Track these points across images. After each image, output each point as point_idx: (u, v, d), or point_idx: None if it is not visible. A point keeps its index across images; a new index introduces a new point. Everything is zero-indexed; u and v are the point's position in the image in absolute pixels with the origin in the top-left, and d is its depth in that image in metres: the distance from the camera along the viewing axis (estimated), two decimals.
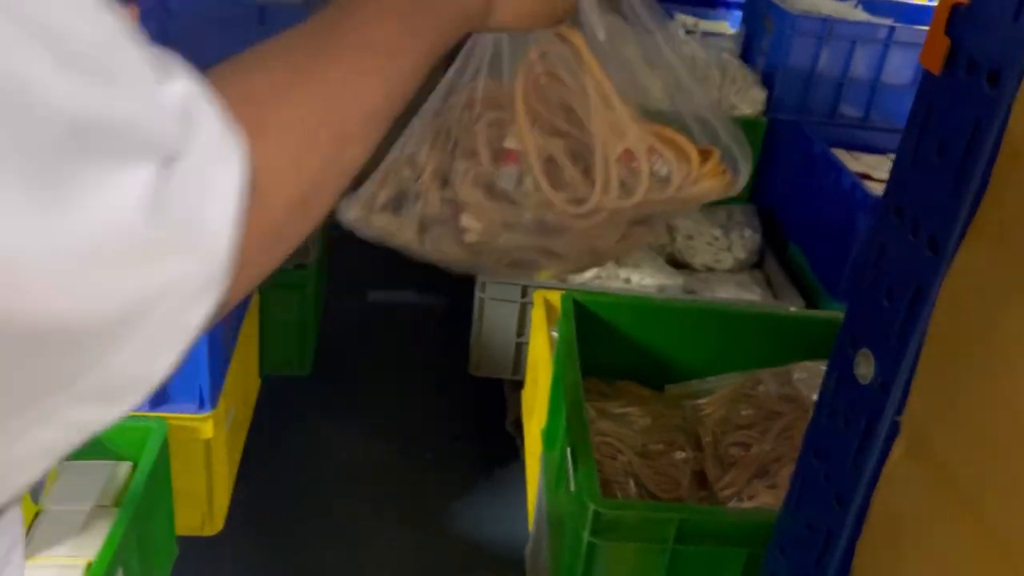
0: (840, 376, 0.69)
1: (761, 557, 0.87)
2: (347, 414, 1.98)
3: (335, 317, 2.20)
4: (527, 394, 1.67)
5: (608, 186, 0.56)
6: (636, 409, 1.14)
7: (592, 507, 0.85)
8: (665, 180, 0.57)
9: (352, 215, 0.66)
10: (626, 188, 0.56)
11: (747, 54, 2.23)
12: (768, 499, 0.95)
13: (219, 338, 1.28)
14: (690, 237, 1.96)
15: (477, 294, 1.73)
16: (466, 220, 0.60)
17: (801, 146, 1.98)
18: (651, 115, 0.59)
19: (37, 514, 1.12)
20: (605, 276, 1.71)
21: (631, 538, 0.87)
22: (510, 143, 0.57)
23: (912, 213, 0.61)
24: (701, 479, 1.04)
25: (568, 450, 1.02)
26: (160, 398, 1.25)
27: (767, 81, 2.09)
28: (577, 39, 0.57)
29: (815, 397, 1.07)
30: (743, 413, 1.05)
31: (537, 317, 1.57)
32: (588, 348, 1.17)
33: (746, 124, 2.05)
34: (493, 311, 1.72)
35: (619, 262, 1.77)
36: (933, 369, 0.59)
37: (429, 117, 0.64)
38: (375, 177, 0.66)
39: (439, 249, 0.62)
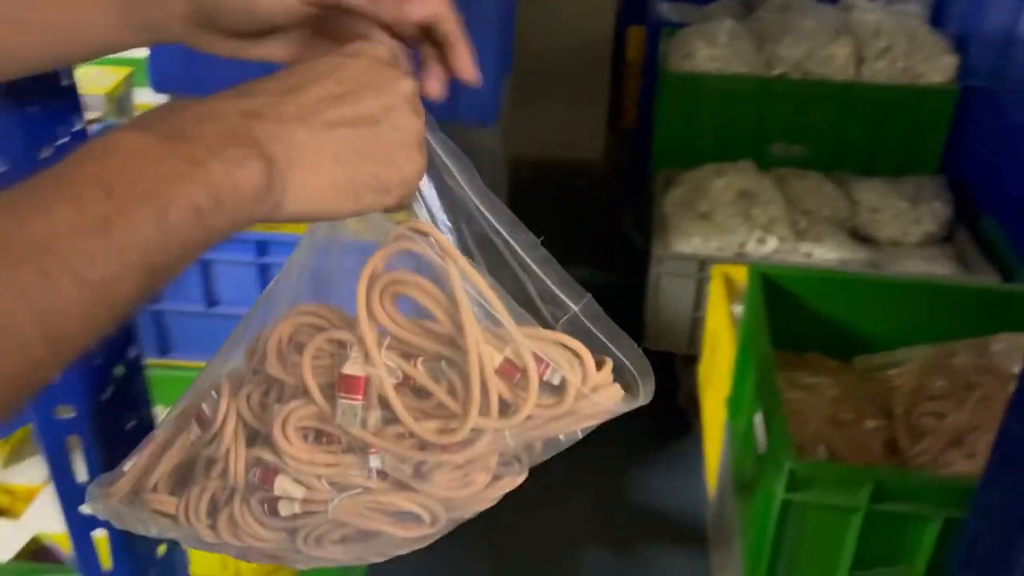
0: None
1: (957, 522, 0.88)
2: None
3: None
4: (703, 367, 1.70)
5: (488, 404, 0.44)
6: (824, 379, 1.16)
7: (788, 465, 0.88)
8: (558, 389, 0.45)
9: (106, 502, 0.50)
10: (510, 404, 0.45)
11: (937, 19, 2.14)
12: (965, 467, 0.95)
13: None
14: (875, 210, 1.92)
15: (652, 269, 1.78)
16: (283, 483, 0.46)
17: (997, 115, 1.89)
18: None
19: None
20: (785, 251, 1.71)
21: (825, 498, 0.90)
22: (351, 369, 0.44)
23: None
24: (892, 448, 1.05)
25: (758, 415, 1.05)
26: None
27: (958, 47, 2.00)
28: (437, 232, 0.45)
29: (1016, 369, 1.05)
30: (936, 384, 1.05)
31: (715, 291, 1.60)
32: (774, 320, 1.19)
33: (935, 93, 1.98)
34: (669, 286, 1.76)
35: (800, 236, 1.77)
36: None
37: (224, 357, 0.49)
38: (144, 444, 0.50)
39: (239, 533, 0.47)
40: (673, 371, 2.03)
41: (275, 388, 0.47)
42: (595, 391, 0.47)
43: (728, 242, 1.76)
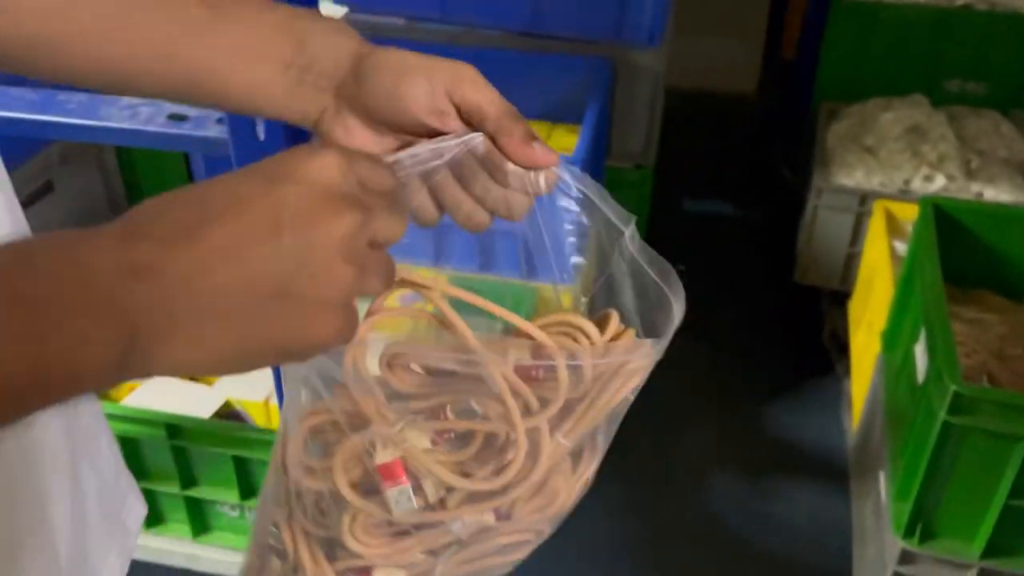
0: None
1: None
2: None
3: (660, 218, 2.31)
4: (855, 304, 1.67)
5: (527, 404, 0.42)
6: (992, 316, 1.13)
7: (952, 387, 0.89)
8: (576, 368, 0.43)
9: None
10: (544, 401, 0.43)
11: None
12: None
13: None
14: None
15: (811, 201, 1.75)
16: (383, 574, 0.45)
17: None
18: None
19: None
20: (954, 190, 1.65)
21: (988, 423, 0.90)
22: (382, 457, 0.43)
23: None
24: None
25: (919, 344, 1.05)
26: (531, 272, 1.44)
27: None
28: (434, 293, 0.44)
29: None
30: None
31: (876, 227, 1.57)
32: (942, 254, 1.17)
33: None
34: (827, 219, 1.73)
35: (971, 175, 1.69)
36: None
37: (269, 493, 0.47)
38: None
39: None
40: (819, 309, 2.01)
41: (326, 500, 0.45)
42: (609, 354, 0.44)
43: (892, 178, 1.71)
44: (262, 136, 0.88)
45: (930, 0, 1.93)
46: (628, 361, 0.45)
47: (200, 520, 1.26)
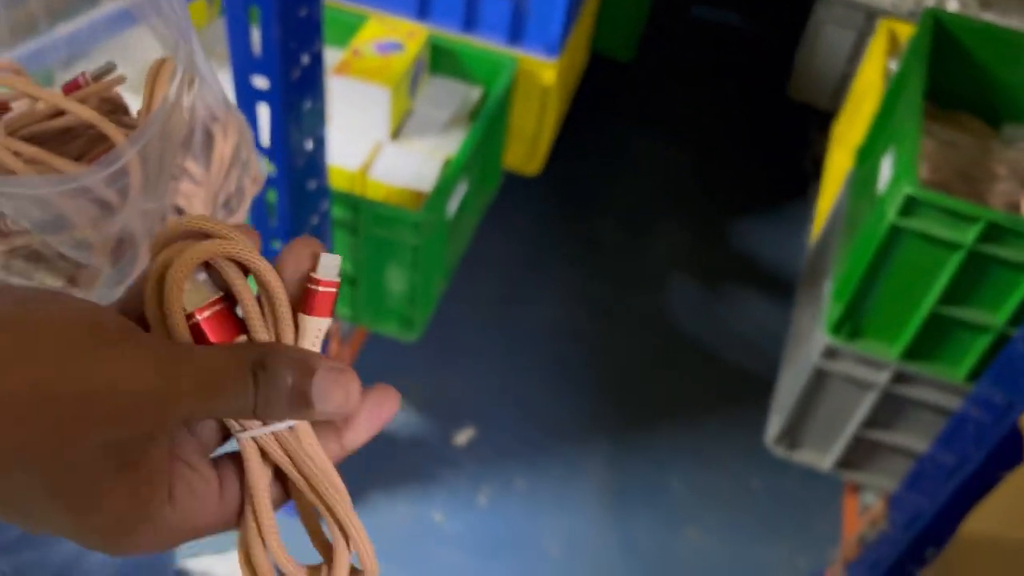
0: None
1: None
2: (655, 111, 2.08)
3: (665, 22, 2.23)
4: (840, 125, 1.66)
5: None
6: (967, 139, 1.12)
7: (906, 189, 0.89)
8: None
9: None
10: None
11: None
12: None
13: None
14: None
15: (816, 13, 1.69)
16: None
17: None
18: None
19: (408, 111, 1.34)
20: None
21: (933, 228, 0.91)
22: None
23: None
24: (1016, 211, 1.04)
25: (887, 155, 1.05)
26: (516, 37, 1.40)
27: None
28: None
29: None
30: None
31: (876, 46, 1.52)
32: (934, 71, 1.14)
33: None
34: (830, 34, 1.68)
35: (985, 4, 1.63)
36: None
37: None
38: None
39: None
40: (806, 133, 1.99)
41: None
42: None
43: None
44: None
45: None
46: None
47: None
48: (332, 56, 1.28)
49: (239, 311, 0.29)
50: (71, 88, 0.49)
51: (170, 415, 0.26)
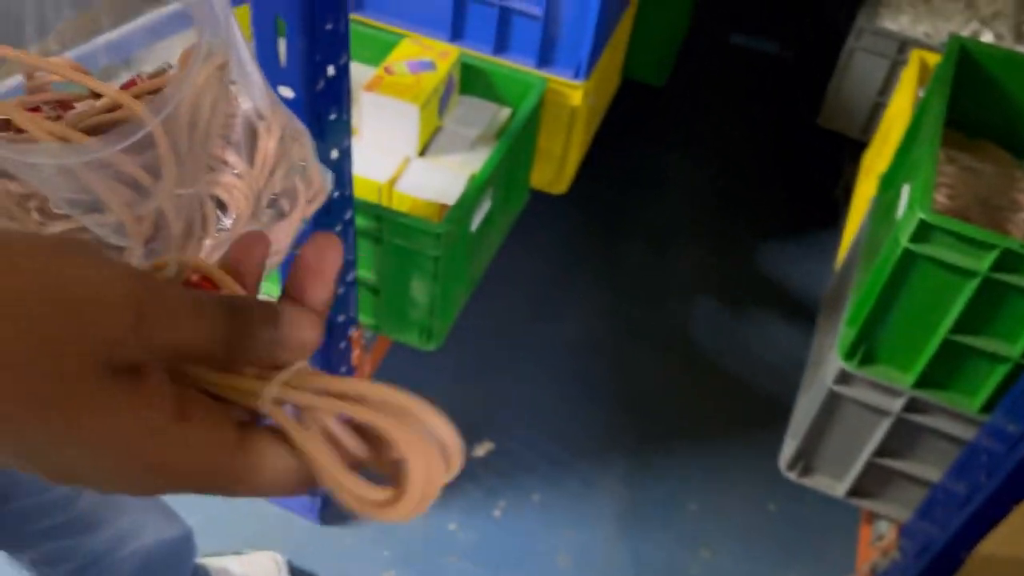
0: None
1: None
2: (686, 136, 2.09)
3: (703, 48, 2.25)
4: (870, 155, 1.66)
5: None
6: (989, 167, 1.12)
7: (919, 214, 0.90)
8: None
9: None
10: None
11: None
12: None
13: (603, 22, 1.41)
14: None
15: (849, 42, 1.69)
16: None
17: None
18: None
19: (438, 128, 1.37)
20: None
21: (947, 255, 0.91)
22: None
23: None
24: None
25: (906, 184, 1.05)
26: (545, 60, 1.43)
27: None
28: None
29: None
30: None
31: (908, 76, 1.52)
32: (959, 99, 1.15)
33: None
34: (862, 62, 1.68)
35: (1021, 37, 1.62)
36: None
37: None
38: None
39: None
40: (838, 162, 1.99)
41: None
42: None
43: (939, 29, 1.64)
44: None
45: None
46: None
47: None
48: (368, 73, 1.32)
49: None
50: (128, 87, 0.52)
51: (149, 323, 0.26)
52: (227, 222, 0.55)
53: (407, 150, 1.31)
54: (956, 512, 0.98)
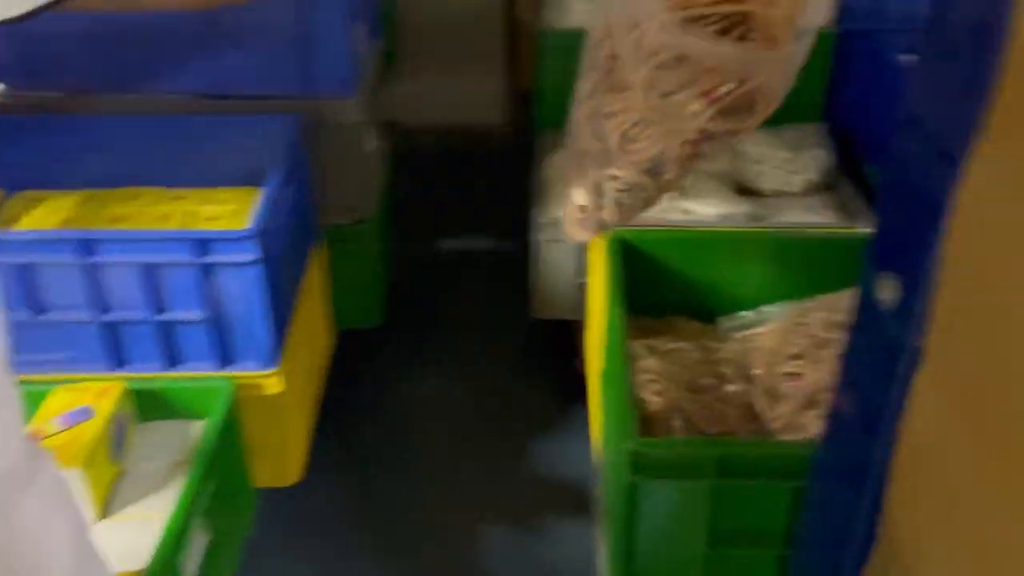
0: (865, 302, 0.66)
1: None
2: (419, 360, 2.02)
3: (410, 262, 2.24)
4: (588, 336, 1.66)
5: None
6: (686, 344, 1.12)
7: (630, 447, 0.84)
8: None
9: None
10: None
11: None
12: (819, 430, 0.92)
13: (278, 301, 1.32)
14: (759, 162, 1.88)
15: (533, 235, 1.72)
16: None
17: (875, 57, 1.86)
18: None
19: (118, 474, 1.19)
20: (663, 208, 1.67)
21: (672, 475, 0.86)
22: None
23: (925, 124, 0.56)
24: (752, 413, 1.02)
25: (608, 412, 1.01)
26: (226, 359, 1.30)
27: None
28: None
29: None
30: (794, 343, 1.02)
31: (594, 258, 1.55)
32: (637, 286, 1.15)
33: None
34: (552, 252, 1.71)
35: (680, 193, 1.72)
36: (952, 291, 0.55)
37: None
38: None
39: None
40: (571, 337, 1.99)
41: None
42: None
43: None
44: None
45: None
46: None
47: None
48: None
49: None
50: None
51: None
52: None
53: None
54: None
